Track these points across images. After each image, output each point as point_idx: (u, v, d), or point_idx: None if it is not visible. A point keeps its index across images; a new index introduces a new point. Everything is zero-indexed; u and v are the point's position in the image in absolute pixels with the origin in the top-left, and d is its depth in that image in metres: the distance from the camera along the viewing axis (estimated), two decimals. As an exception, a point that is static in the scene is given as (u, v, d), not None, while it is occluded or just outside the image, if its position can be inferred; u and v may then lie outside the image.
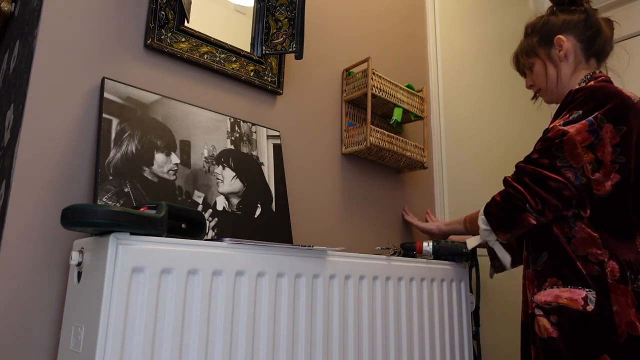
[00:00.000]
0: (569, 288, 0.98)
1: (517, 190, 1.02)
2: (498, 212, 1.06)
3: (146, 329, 0.73)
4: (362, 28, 1.75)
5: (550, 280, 1.02)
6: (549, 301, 0.99)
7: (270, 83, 1.37)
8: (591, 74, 1.13)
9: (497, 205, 1.06)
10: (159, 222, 0.77)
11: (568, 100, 1.05)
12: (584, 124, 0.99)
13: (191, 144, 1.13)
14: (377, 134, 1.52)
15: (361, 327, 1.05)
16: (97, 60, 1.05)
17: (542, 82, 1.20)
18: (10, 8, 1.27)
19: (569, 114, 1.02)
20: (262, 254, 0.90)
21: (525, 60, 1.25)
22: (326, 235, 1.47)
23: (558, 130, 1.01)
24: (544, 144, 1.03)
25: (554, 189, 0.99)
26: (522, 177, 1.03)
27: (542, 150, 1.02)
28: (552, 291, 1.00)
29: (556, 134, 1.00)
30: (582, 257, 0.99)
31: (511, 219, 1.04)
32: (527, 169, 1.03)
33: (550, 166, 1.00)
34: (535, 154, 1.04)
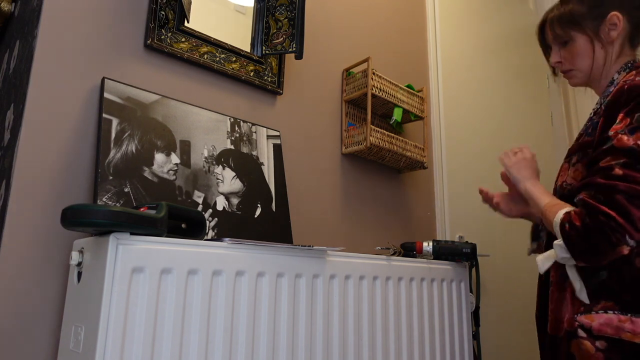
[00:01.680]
0: (630, 317, 0.84)
1: (610, 218, 0.81)
2: (582, 243, 0.85)
3: (146, 329, 0.73)
4: (362, 28, 1.75)
5: (605, 304, 0.87)
6: (609, 334, 0.84)
7: (270, 83, 1.37)
8: (632, 62, 0.98)
9: (580, 235, 0.84)
10: (159, 222, 0.77)
11: (623, 99, 0.89)
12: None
13: (191, 144, 1.13)
14: (377, 134, 1.52)
15: (361, 327, 1.05)
16: (97, 60, 1.05)
17: (582, 63, 1.01)
18: (10, 8, 1.27)
19: (630, 118, 0.86)
20: (262, 254, 0.90)
21: (562, 32, 1.02)
22: (326, 235, 1.47)
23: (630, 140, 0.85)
24: (621, 157, 0.84)
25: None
26: (614, 197, 0.82)
27: (627, 164, 0.83)
28: (609, 319, 0.85)
29: (634, 146, 0.84)
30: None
31: (600, 251, 0.84)
32: (621, 186, 0.82)
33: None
34: (618, 168, 0.84)
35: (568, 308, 0.92)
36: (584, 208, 0.85)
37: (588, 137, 0.95)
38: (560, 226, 0.88)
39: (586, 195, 0.86)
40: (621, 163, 0.84)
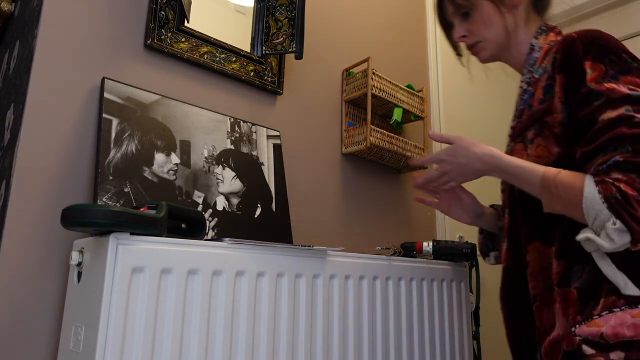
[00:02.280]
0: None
1: None
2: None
3: (146, 329, 0.73)
4: (362, 28, 1.75)
5: (606, 301, 0.71)
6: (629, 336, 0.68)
7: (270, 83, 1.37)
8: (545, 26, 0.91)
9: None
10: (159, 222, 0.77)
11: (579, 49, 0.78)
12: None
13: (191, 144, 1.13)
14: (377, 134, 1.52)
15: (361, 327, 1.05)
16: (97, 60, 1.05)
17: (490, 31, 0.91)
18: (10, 8, 1.27)
19: (602, 64, 0.76)
20: (262, 254, 0.90)
21: (462, 3, 0.93)
22: (326, 235, 1.47)
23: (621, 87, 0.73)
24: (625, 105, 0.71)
25: None
26: None
27: (637, 111, 0.71)
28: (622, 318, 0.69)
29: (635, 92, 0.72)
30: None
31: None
32: None
33: None
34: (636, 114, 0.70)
35: (561, 322, 0.75)
36: (632, 171, 0.67)
37: (542, 104, 0.82)
38: (609, 201, 0.67)
39: (623, 154, 0.68)
40: (631, 110, 0.71)
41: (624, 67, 0.75)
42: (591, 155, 0.72)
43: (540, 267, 0.81)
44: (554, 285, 0.77)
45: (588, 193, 0.69)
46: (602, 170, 0.70)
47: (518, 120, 0.88)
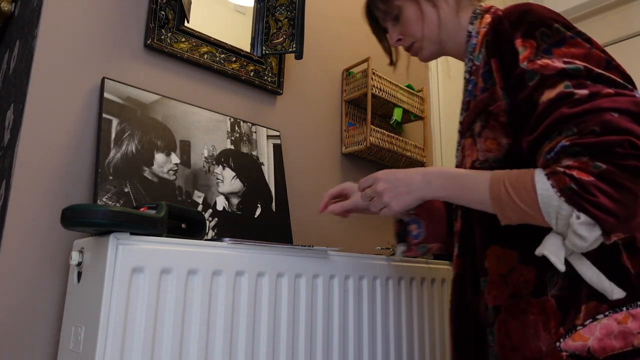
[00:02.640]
0: (626, 310, 0.61)
1: (629, 145, 0.56)
2: (619, 203, 0.56)
3: (146, 329, 0.73)
4: (362, 28, 1.75)
5: (587, 307, 0.62)
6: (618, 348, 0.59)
7: (270, 83, 1.37)
8: (479, 9, 0.84)
9: (609, 192, 0.56)
10: (159, 222, 0.77)
11: (507, 27, 0.71)
12: (576, 43, 0.67)
13: (191, 144, 1.13)
14: (377, 134, 1.52)
15: (361, 327, 1.05)
16: (97, 60, 1.05)
17: (420, 30, 0.87)
18: (10, 8, 1.27)
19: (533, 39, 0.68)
20: (262, 254, 0.90)
21: (388, 6, 0.89)
22: (326, 235, 1.47)
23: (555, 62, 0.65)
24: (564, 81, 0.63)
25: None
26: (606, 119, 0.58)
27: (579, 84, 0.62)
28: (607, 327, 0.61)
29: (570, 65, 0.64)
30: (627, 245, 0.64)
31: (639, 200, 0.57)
32: (604, 103, 0.59)
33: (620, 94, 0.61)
34: (579, 90, 0.61)
35: (541, 337, 0.65)
36: (583, 154, 0.58)
37: (484, 93, 0.74)
38: (565, 194, 0.58)
39: (569, 137, 0.59)
40: (570, 85, 0.62)
41: (557, 38, 0.67)
42: (537, 143, 0.64)
43: (501, 274, 0.71)
44: (524, 294, 0.68)
45: (541, 190, 0.59)
46: (551, 159, 0.61)
47: (466, 114, 0.80)
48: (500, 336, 0.69)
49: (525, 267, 0.68)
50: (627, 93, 0.60)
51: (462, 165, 0.80)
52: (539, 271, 0.67)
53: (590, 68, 0.63)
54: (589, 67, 0.63)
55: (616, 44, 2.26)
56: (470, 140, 0.77)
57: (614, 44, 2.26)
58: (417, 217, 0.98)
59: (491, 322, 0.71)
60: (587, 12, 2.34)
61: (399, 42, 0.92)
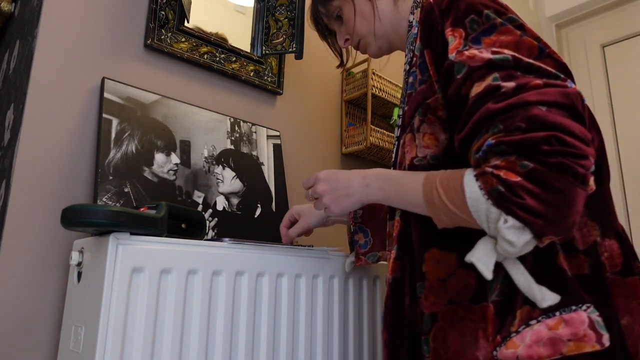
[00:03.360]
0: (559, 315, 0.57)
1: (557, 141, 0.52)
2: (547, 204, 0.52)
3: (146, 329, 0.73)
4: (362, 28, 1.75)
5: (521, 312, 0.58)
6: (546, 356, 0.56)
7: (270, 83, 1.37)
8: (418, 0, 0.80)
9: (537, 193, 0.52)
10: (159, 222, 0.77)
11: (435, 16, 0.68)
12: (506, 30, 0.63)
13: (191, 144, 1.13)
14: (377, 134, 1.52)
15: (361, 327, 1.05)
16: (97, 60, 1.05)
17: (359, 27, 0.85)
18: (10, 8, 1.27)
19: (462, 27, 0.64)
20: (262, 254, 0.90)
21: (329, 8, 0.89)
22: (326, 235, 1.47)
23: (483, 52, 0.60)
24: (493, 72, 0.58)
25: (581, 112, 0.55)
26: (532, 115, 0.54)
27: (508, 76, 0.58)
28: (537, 333, 0.57)
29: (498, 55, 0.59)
30: (565, 246, 0.61)
31: (572, 200, 0.52)
32: (531, 97, 0.55)
33: (549, 84, 0.56)
34: (505, 83, 0.57)
35: (480, 345, 0.60)
36: (510, 152, 0.53)
37: (422, 85, 0.70)
38: (492, 197, 0.54)
39: (495, 134, 0.55)
40: (498, 77, 0.58)
41: (487, 25, 0.63)
42: (466, 142, 0.60)
43: (439, 279, 0.65)
44: (463, 300, 0.63)
45: (470, 192, 0.56)
46: (480, 158, 0.56)
47: (406, 107, 0.75)
48: (436, 346, 0.64)
49: (464, 271, 0.64)
50: (557, 83, 0.56)
51: (402, 163, 0.75)
52: (479, 276, 0.62)
53: (518, 58, 0.58)
54: (517, 56, 0.58)
55: (616, 44, 2.26)
56: (410, 136, 0.72)
57: (614, 44, 2.26)
58: (362, 225, 0.96)
59: (427, 330, 0.66)
60: (587, 12, 2.33)
61: (347, 42, 0.90)
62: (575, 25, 2.42)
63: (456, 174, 0.59)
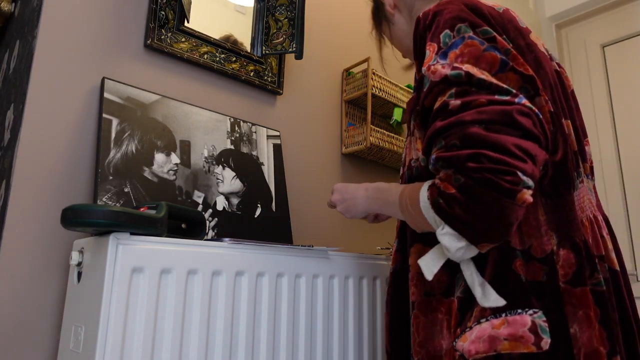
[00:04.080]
0: (504, 316, 0.61)
1: (484, 158, 0.56)
2: (475, 215, 0.57)
3: (146, 329, 0.73)
4: (362, 28, 1.75)
5: (476, 310, 0.63)
6: (483, 352, 0.60)
7: (270, 83, 1.37)
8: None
9: (465, 204, 0.57)
10: (159, 222, 0.77)
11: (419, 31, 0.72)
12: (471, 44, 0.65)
13: (191, 144, 1.13)
14: (377, 134, 1.52)
15: (361, 327, 1.05)
16: (97, 60, 1.05)
17: (395, 44, 0.94)
18: (10, 8, 1.27)
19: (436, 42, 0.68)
20: (262, 254, 0.90)
21: (378, 33, 0.98)
22: (326, 235, 1.47)
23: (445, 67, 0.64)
24: (449, 89, 0.62)
25: (526, 127, 0.58)
26: (468, 133, 0.58)
27: (459, 92, 0.61)
28: (482, 330, 0.62)
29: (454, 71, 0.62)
30: (523, 252, 0.64)
31: (502, 212, 0.57)
32: (467, 117, 0.59)
33: (493, 101, 0.60)
34: (453, 101, 0.61)
35: (444, 335, 0.67)
36: (446, 167, 0.59)
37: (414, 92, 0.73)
38: (434, 207, 0.60)
39: (438, 149, 0.61)
40: (453, 94, 0.62)
41: (457, 39, 0.66)
42: (426, 153, 0.65)
43: (419, 272, 0.72)
44: (437, 294, 0.70)
45: (423, 202, 0.63)
46: (432, 169, 0.62)
47: None
48: (414, 330, 0.72)
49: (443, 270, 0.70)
50: (502, 100, 0.59)
51: (404, 164, 0.81)
52: (451, 272, 0.69)
53: (471, 74, 0.61)
54: (470, 72, 0.62)
55: (616, 44, 2.26)
56: (410, 139, 0.79)
57: (614, 44, 2.26)
58: None
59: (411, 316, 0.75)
60: (587, 12, 2.33)
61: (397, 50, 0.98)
62: (575, 25, 2.42)
63: (418, 185, 0.66)
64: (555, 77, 0.74)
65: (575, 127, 0.75)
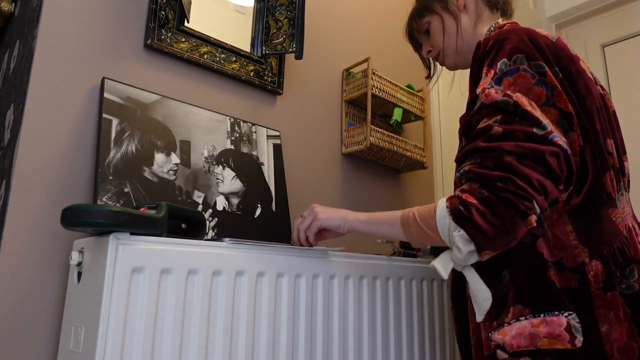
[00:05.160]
0: (543, 317, 0.71)
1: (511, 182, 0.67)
2: (488, 224, 0.68)
3: (146, 329, 0.73)
4: (362, 28, 1.75)
5: (514, 309, 0.74)
6: (524, 347, 0.71)
7: (270, 83, 1.37)
8: (495, 24, 0.94)
9: (483, 213, 0.68)
10: (159, 222, 0.77)
11: (480, 53, 0.81)
12: (524, 75, 0.74)
13: (191, 144, 1.13)
14: (377, 134, 1.52)
15: (361, 327, 1.05)
16: (97, 60, 1.05)
17: (439, 40, 0.99)
18: (10, 8, 1.27)
19: (494, 68, 0.76)
20: (262, 254, 0.90)
21: (419, 24, 1.03)
22: (326, 235, 1.47)
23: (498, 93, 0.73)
24: (496, 114, 0.72)
25: (552, 166, 0.69)
26: (503, 160, 0.68)
27: (504, 120, 0.71)
28: (522, 328, 0.72)
29: (504, 97, 0.72)
30: (556, 263, 0.74)
31: (511, 228, 0.68)
32: (506, 147, 0.69)
33: (531, 136, 0.70)
34: (497, 126, 0.71)
35: (484, 328, 0.78)
36: (474, 180, 0.70)
37: (467, 109, 0.83)
38: (453, 213, 0.70)
39: (472, 164, 0.72)
40: (498, 120, 0.72)
41: (512, 68, 0.75)
42: (459, 162, 0.76)
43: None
44: None
45: (439, 210, 0.72)
46: (457, 177, 0.74)
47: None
48: (470, 321, 0.84)
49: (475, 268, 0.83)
50: (537, 136, 0.70)
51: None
52: (495, 270, 0.79)
53: (518, 104, 0.71)
54: (519, 102, 0.71)
55: (616, 44, 2.26)
56: (460, 146, 0.87)
57: (614, 44, 2.26)
58: None
59: None
60: (587, 12, 2.33)
61: (429, 53, 1.04)
62: (575, 25, 2.42)
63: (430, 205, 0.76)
64: (600, 100, 0.81)
65: (617, 146, 0.82)
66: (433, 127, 1.97)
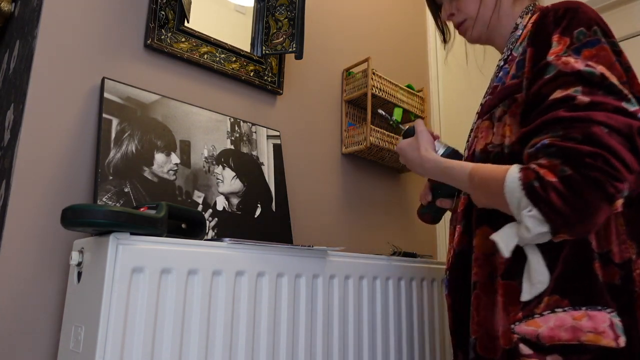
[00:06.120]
0: (585, 310, 0.65)
1: (601, 159, 0.58)
2: (572, 207, 0.59)
3: (146, 329, 0.73)
4: (362, 28, 1.75)
5: (549, 300, 0.66)
6: (565, 339, 0.64)
7: (270, 83, 1.37)
8: (534, 5, 0.87)
9: (563, 194, 0.59)
10: (159, 222, 0.77)
11: (550, 20, 0.73)
12: (605, 49, 0.68)
13: (191, 144, 1.13)
14: (377, 134, 1.52)
15: (361, 327, 1.05)
16: (97, 60, 1.05)
17: (474, 8, 0.89)
18: (10, 8, 1.27)
19: (569, 36, 0.70)
20: (262, 254, 0.90)
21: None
22: (326, 235, 1.47)
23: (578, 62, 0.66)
24: (576, 84, 0.64)
25: (638, 146, 0.61)
26: (592, 132, 0.60)
27: (587, 91, 0.63)
28: (561, 320, 0.65)
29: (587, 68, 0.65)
30: (602, 256, 0.67)
31: (594, 212, 0.59)
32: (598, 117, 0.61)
33: (621, 110, 0.62)
34: (581, 96, 0.63)
35: (501, 317, 0.70)
36: (556, 156, 0.61)
37: (514, 79, 0.76)
38: (526, 189, 0.62)
39: (552, 137, 0.62)
40: (579, 91, 0.64)
41: (592, 39, 0.69)
42: (529, 137, 0.67)
43: (484, 253, 0.75)
44: (497, 275, 0.72)
45: (509, 182, 0.64)
46: (531, 153, 0.64)
47: (489, 97, 0.82)
48: (473, 309, 0.75)
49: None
50: (628, 111, 0.62)
51: (472, 146, 0.82)
52: (516, 257, 0.70)
53: (605, 76, 0.64)
54: (606, 75, 0.64)
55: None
56: (488, 123, 0.79)
57: (614, 44, 2.26)
58: None
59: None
60: (587, 12, 2.33)
61: (452, 16, 0.93)
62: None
63: (503, 166, 0.67)
64: None
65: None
66: (433, 127, 1.97)
